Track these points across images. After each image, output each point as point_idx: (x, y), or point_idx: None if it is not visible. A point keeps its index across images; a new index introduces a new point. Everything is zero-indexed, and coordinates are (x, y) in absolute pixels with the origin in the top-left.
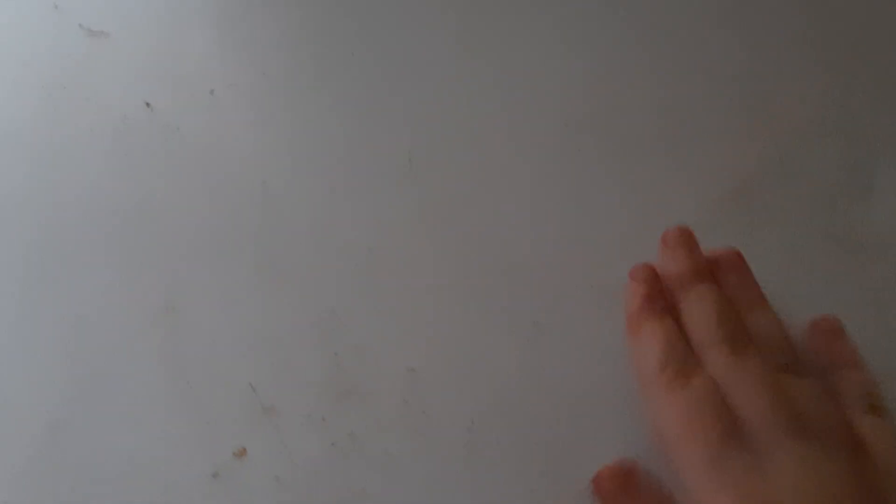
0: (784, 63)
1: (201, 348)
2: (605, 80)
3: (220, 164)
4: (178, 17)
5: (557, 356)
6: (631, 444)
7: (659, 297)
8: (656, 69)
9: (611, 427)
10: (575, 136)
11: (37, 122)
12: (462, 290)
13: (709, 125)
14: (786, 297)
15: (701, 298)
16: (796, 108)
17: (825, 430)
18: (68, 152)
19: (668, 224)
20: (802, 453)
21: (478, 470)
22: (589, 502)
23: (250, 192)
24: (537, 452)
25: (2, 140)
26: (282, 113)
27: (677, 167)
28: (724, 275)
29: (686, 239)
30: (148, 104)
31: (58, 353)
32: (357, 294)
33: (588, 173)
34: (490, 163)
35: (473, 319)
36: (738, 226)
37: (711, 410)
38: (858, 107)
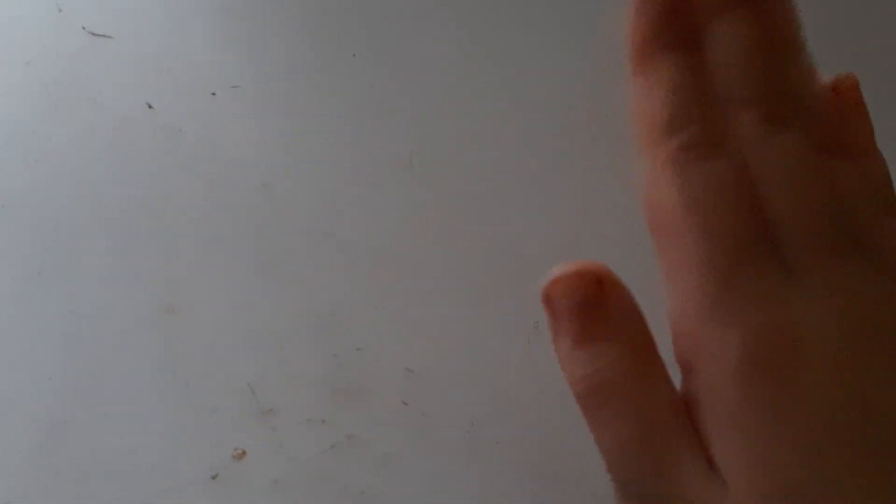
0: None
1: (200, 349)
2: (611, 81)
3: (221, 165)
4: (181, 19)
5: (556, 359)
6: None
7: (677, 21)
8: None
9: None
10: (580, 137)
11: (38, 122)
12: (462, 292)
13: None
14: None
15: (736, 28)
16: None
17: (878, 243)
18: (69, 153)
19: None
20: (844, 274)
21: (478, 471)
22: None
23: (251, 193)
24: (538, 454)
25: (3, 140)
26: (283, 114)
27: None
28: (763, 6)
29: None
30: (149, 105)
31: (56, 354)
32: (357, 295)
33: (592, 175)
34: (492, 163)
35: (474, 320)
36: None
37: (734, 201)
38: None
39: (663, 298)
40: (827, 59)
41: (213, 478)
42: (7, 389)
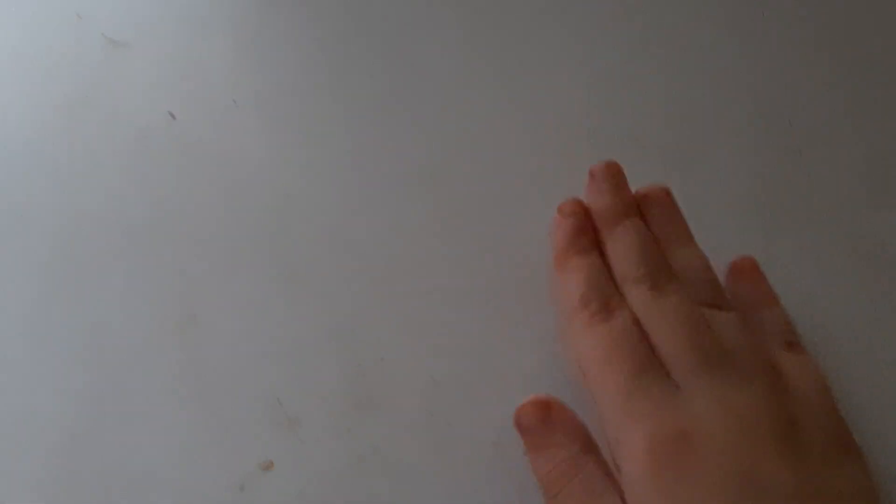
0: (801, 70)
1: (224, 359)
2: (620, 88)
3: (241, 175)
4: (200, 27)
5: None
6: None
7: (585, 232)
8: (672, 76)
9: None
10: (591, 143)
11: (59, 131)
12: (484, 302)
13: (725, 132)
14: (804, 306)
15: (625, 234)
16: (814, 115)
17: (742, 361)
18: (90, 161)
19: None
20: (717, 384)
21: (503, 482)
22: None
23: (271, 202)
24: None
25: (24, 149)
26: (303, 125)
27: (694, 175)
28: (650, 210)
29: (613, 174)
30: (171, 114)
31: (78, 364)
32: (379, 305)
33: None
34: (507, 174)
35: (498, 330)
36: (756, 234)
37: (629, 344)
38: (879, 114)
39: None
40: (846, 66)
41: (241, 489)
42: (29, 400)
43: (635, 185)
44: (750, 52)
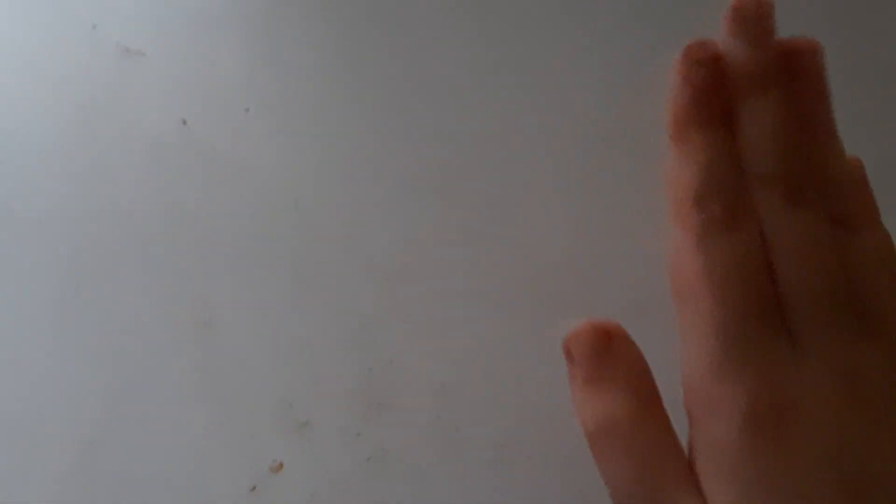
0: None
1: (237, 363)
2: (637, 96)
3: (254, 181)
4: (215, 35)
5: None
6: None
7: (717, 95)
8: None
9: None
10: (607, 150)
11: (73, 139)
12: (494, 306)
13: None
14: None
15: (767, 110)
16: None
17: (884, 313)
18: (104, 170)
19: None
20: (846, 345)
21: (510, 486)
22: None
23: (284, 208)
24: (569, 470)
25: (40, 157)
26: (316, 131)
27: None
28: (798, 81)
29: (764, 15)
30: (183, 121)
31: (93, 369)
32: (390, 309)
33: (620, 189)
34: (521, 178)
35: (507, 335)
36: None
37: (747, 276)
38: (889, 120)
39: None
40: (852, 73)
41: (252, 490)
42: (45, 404)
43: (658, 197)
44: None
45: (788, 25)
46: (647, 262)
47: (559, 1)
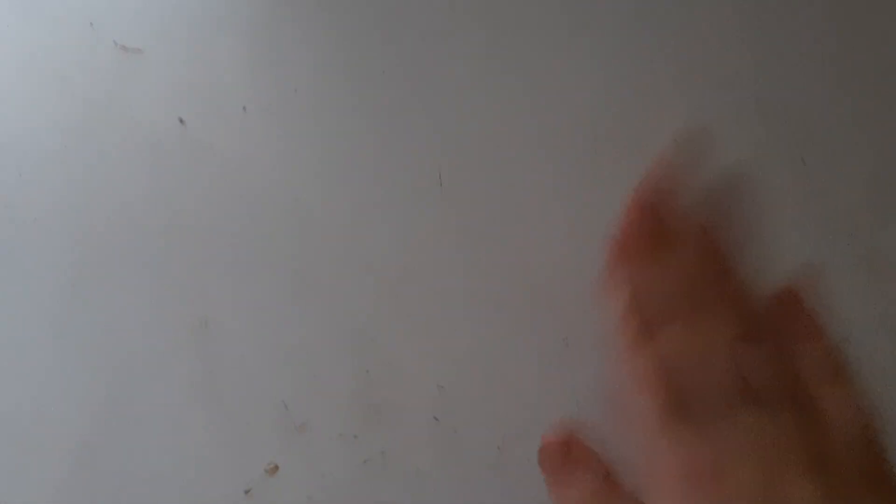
0: (810, 80)
1: (234, 365)
2: (636, 100)
3: (252, 181)
4: (212, 34)
5: (587, 373)
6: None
7: (639, 243)
8: (684, 86)
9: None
10: (605, 154)
11: (71, 137)
12: (492, 309)
13: (738, 142)
14: None
15: (668, 264)
16: (821, 125)
17: (774, 397)
18: (102, 168)
19: None
20: (748, 420)
21: (508, 488)
22: None
23: (282, 208)
24: None
25: (37, 155)
26: (313, 130)
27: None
28: (694, 240)
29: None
30: (181, 120)
31: (91, 369)
32: (387, 311)
33: (618, 192)
34: (520, 180)
35: (503, 337)
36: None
37: (664, 378)
38: (888, 123)
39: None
40: (854, 76)
41: (247, 492)
42: (44, 404)
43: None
44: (758, 60)
45: (789, 25)
46: None
47: (560, 4)
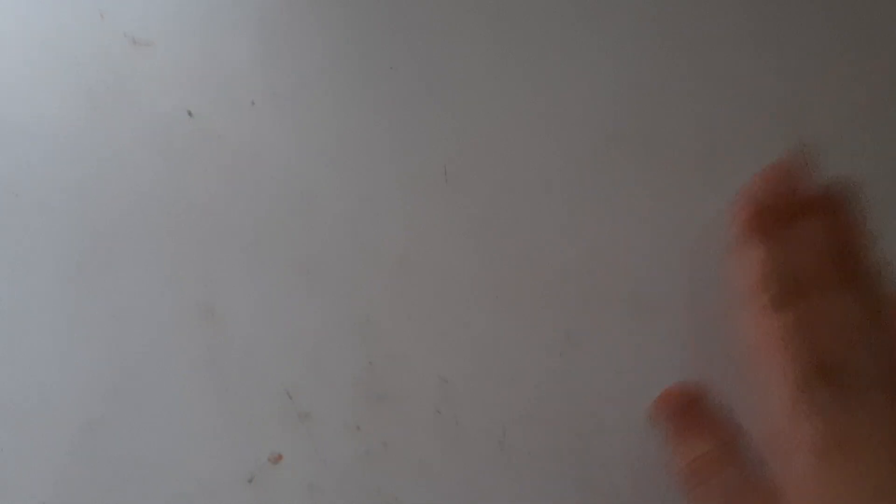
0: (820, 86)
1: (239, 353)
2: (642, 95)
3: (260, 173)
4: (221, 27)
5: (590, 367)
6: (663, 456)
7: (773, 212)
8: (693, 86)
9: (644, 439)
10: (610, 149)
11: (81, 129)
12: (495, 301)
13: (742, 143)
14: None
15: (812, 227)
16: (830, 130)
17: None
18: (111, 159)
19: (699, 239)
20: (891, 395)
21: (510, 480)
22: None
23: (289, 200)
24: (569, 464)
25: (46, 145)
26: (321, 123)
27: (710, 183)
28: (832, 209)
29: (797, 166)
30: (190, 113)
31: (96, 355)
32: (392, 302)
33: (622, 186)
34: (524, 175)
35: (506, 329)
36: None
37: (806, 340)
38: (890, 122)
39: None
40: (864, 84)
41: (249, 481)
42: (46, 389)
43: (659, 195)
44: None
45: (789, 24)
46: (649, 261)
47: (572, 4)
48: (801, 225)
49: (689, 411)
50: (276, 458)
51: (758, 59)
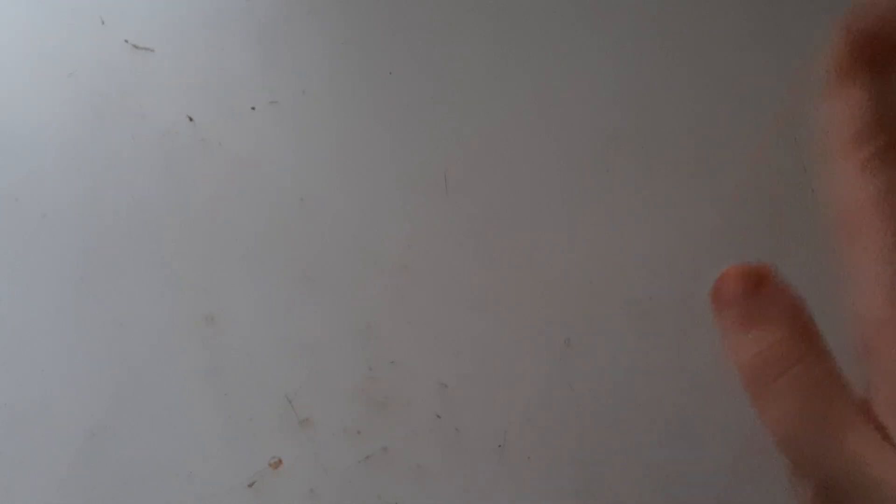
0: (820, 87)
1: (239, 359)
2: (640, 101)
3: (259, 179)
4: (221, 34)
5: (588, 373)
6: (661, 461)
7: (873, 49)
8: (691, 91)
9: (641, 444)
10: (608, 155)
11: (81, 133)
12: (495, 308)
13: (740, 148)
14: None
15: None
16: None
17: None
18: (111, 164)
19: (698, 243)
20: None
21: (509, 485)
22: None
23: (289, 206)
24: (568, 469)
25: (47, 151)
26: (320, 130)
27: (708, 187)
28: None
29: None
30: (190, 118)
31: (97, 362)
32: (392, 309)
33: (620, 192)
34: (523, 182)
35: (505, 336)
36: (766, 247)
37: None
38: None
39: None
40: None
41: (250, 486)
42: (48, 396)
43: (657, 200)
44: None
45: (788, 24)
46: (647, 266)
47: (571, 6)
48: None
49: (755, 294)
50: (277, 464)
51: (757, 59)
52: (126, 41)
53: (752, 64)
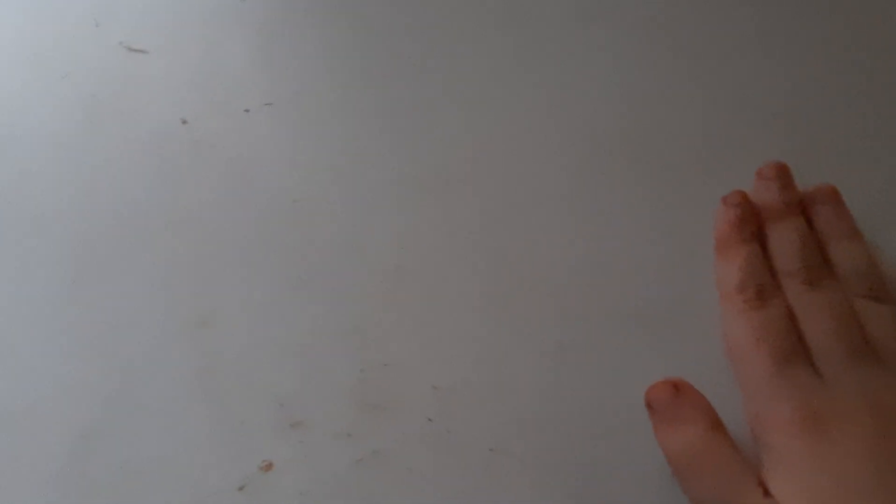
0: (822, 95)
1: (231, 362)
2: (639, 104)
3: (253, 182)
4: (216, 36)
5: (581, 377)
6: (655, 465)
7: (748, 222)
8: (692, 95)
9: (634, 450)
10: (605, 158)
11: (74, 135)
12: (488, 310)
13: (741, 153)
14: None
15: (787, 230)
16: (832, 140)
17: (890, 355)
18: (106, 167)
19: (694, 248)
20: (865, 377)
21: (501, 490)
22: None
23: (282, 209)
24: (561, 474)
25: (40, 153)
26: (315, 131)
27: (707, 192)
28: (817, 207)
29: (781, 173)
30: (184, 121)
31: (90, 364)
32: (385, 311)
33: (616, 195)
34: (518, 185)
35: (498, 339)
36: None
37: (779, 331)
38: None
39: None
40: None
41: (240, 489)
42: (41, 398)
43: (654, 204)
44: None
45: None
46: (641, 269)
47: (571, 9)
48: (778, 228)
49: (675, 401)
50: (268, 466)
51: (758, 61)
52: (120, 43)
53: (752, 66)
